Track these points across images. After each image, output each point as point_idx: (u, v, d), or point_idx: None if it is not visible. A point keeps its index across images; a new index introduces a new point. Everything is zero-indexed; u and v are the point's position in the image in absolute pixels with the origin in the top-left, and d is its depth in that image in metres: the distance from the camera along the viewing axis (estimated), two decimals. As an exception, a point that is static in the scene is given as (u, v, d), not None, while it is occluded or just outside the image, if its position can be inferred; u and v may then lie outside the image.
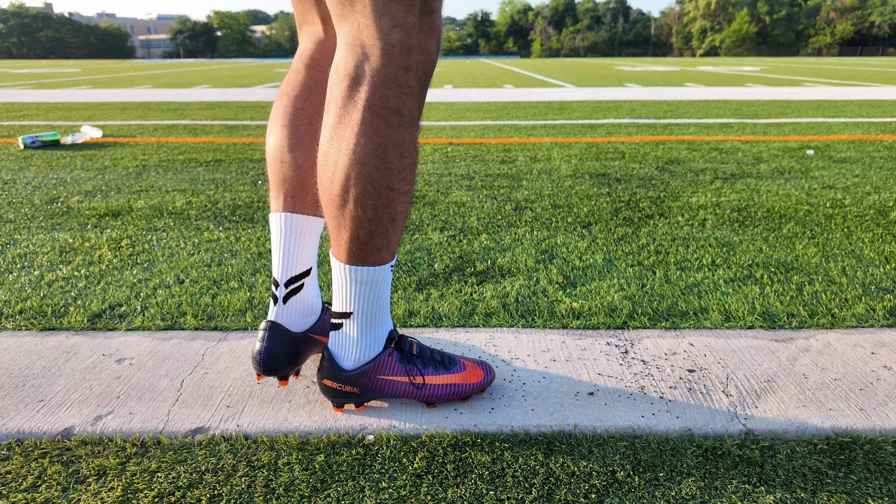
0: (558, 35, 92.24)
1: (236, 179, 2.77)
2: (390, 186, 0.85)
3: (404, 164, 0.86)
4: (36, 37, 78.11)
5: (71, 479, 0.85)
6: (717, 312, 1.36)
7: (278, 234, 1.00)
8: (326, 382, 0.97)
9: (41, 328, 1.29)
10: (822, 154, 3.33)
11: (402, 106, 0.84)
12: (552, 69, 18.39)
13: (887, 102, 6.40)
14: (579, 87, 9.37)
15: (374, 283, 0.92)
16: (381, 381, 0.98)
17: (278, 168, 1.00)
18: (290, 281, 1.01)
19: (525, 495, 0.82)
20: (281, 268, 1.01)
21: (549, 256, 1.73)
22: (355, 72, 0.82)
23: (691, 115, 5.32)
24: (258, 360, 0.99)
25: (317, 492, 0.82)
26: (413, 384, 0.99)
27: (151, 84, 10.76)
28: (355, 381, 0.97)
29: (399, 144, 0.84)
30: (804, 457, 0.89)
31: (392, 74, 0.82)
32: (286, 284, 1.01)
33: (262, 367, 1.00)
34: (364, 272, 0.91)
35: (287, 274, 1.01)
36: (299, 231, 1.00)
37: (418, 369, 1.00)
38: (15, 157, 3.35)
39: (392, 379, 0.98)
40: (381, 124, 0.83)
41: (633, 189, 2.54)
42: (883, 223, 2.03)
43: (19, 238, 1.91)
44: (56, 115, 5.49)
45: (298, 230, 1.00)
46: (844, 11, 68.49)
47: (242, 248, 1.81)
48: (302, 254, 1.02)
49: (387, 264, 0.92)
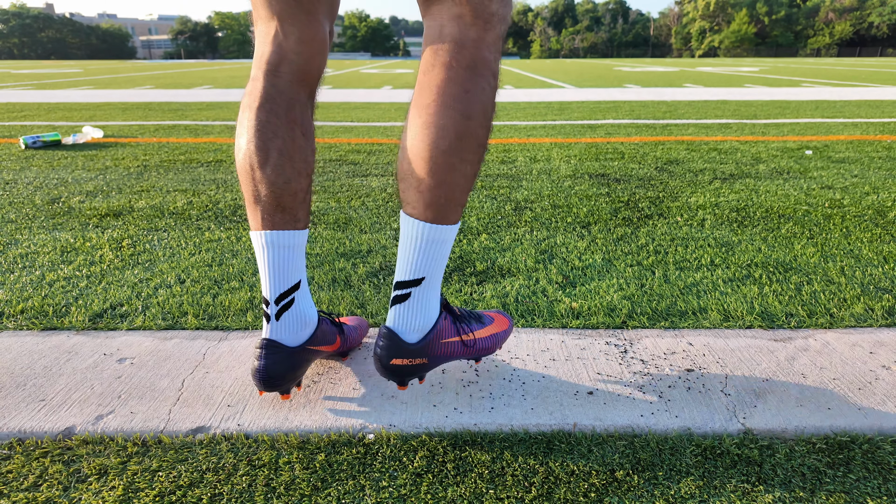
0: (558, 36, 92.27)
1: (237, 179, 2.77)
2: (485, 144, 0.92)
3: (491, 124, 0.93)
4: (37, 37, 78.16)
5: (72, 478, 0.85)
6: (716, 312, 1.37)
7: (262, 253, 0.97)
8: (396, 362, 0.95)
9: (42, 328, 1.30)
10: (820, 154, 3.33)
11: (497, 69, 0.92)
12: (552, 70, 18.39)
13: (886, 103, 6.40)
14: (579, 88, 9.38)
15: (448, 242, 0.95)
16: (443, 345, 1.00)
17: (251, 187, 0.96)
18: (279, 298, 0.98)
19: (525, 494, 0.82)
20: (269, 286, 0.98)
21: (548, 256, 1.73)
22: (461, 38, 0.87)
23: (690, 115, 5.32)
24: (258, 378, 0.98)
25: (317, 491, 0.83)
26: (464, 343, 1.02)
27: (152, 84, 10.77)
28: (423, 351, 0.97)
29: (494, 104, 0.92)
30: (803, 456, 0.89)
31: (493, 41, 0.89)
32: (276, 302, 0.99)
33: (263, 385, 0.98)
34: (445, 231, 0.94)
35: (276, 291, 0.98)
36: (282, 247, 0.98)
37: (467, 326, 1.03)
38: (16, 158, 3.35)
39: (450, 341, 1.01)
40: (486, 85, 0.89)
41: (632, 189, 2.54)
42: (881, 223, 2.04)
43: (21, 238, 1.91)
44: (57, 116, 5.49)
45: (281, 246, 0.98)
46: (843, 12, 68.53)
47: (243, 247, 1.81)
48: (289, 269, 0.99)
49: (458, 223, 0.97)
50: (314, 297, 1.45)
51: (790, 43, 73.14)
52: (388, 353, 0.96)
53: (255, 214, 0.97)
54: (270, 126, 0.95)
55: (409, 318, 0.96)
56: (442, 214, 0.92)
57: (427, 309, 0.97)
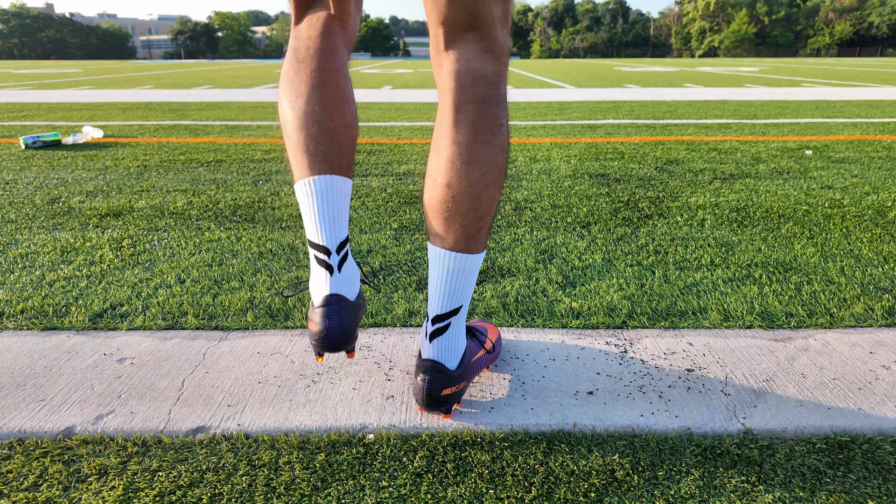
0: (558, 36, 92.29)
1: (237, 180, 2.77)
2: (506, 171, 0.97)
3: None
4: (37, 37, 78.15)
5: (72, 478, 0.85)
6: (716, 312, 1.37)
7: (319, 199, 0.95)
8: (447, 392, 0.97)
9: (42, 328, 1.30)
10: (820, 154, 3.33)
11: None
12: (552, 70, 18.40)
13: (886, 103, 6.41)
14: (579, 88, 9.38)
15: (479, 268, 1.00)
16: (475, 363, 1.04)
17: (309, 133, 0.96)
18: (340, 246, 0.97)
19: (525, 494, 0.82)
20: (329, 234, 0.95)
21: (548, 256, 1.73)
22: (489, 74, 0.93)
23: (690, 115, 5.32)
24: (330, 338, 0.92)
25: (317, 490, 0.83)
26: (488, 351, 1.10)
27: (152, 84, 10.77)
28: (463, 375, 1.00)
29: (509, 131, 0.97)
30: (803, 456, 0.89)
31: (505, 72, 0.95)
32: (338, 251, 0.95)
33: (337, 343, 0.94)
34: (480, 259, 0.99)
35: (337, 239, 0.96)
36: (342, 193, 0.97)
37: (482, 336, 1.09)
38: (16, 158, 3.35)
39: (478, 357, 1.06)
40: (505, 114, 0.95)
41: (632, 189, 2.54)
42: (881, 223, 2.04)
43: (21, 238, 1.91)
44: (57, 116, 5.50)
45: (342, 192, 0.97)
46: (843, 12, 68.53)
47: (243, 247, 1.81)
48: (344, 217, 0.99)
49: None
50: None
51: (790, 43, 73.15)
52: (439, 385, 0.97)
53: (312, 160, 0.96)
54: (332, 75, 0.98)
55: (449, 347, 0.99)
56: (481, 243, 0.98)
57: (461, 334, 1.01)
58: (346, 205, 0.99)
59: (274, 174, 2.90)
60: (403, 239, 1.89)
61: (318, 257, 0.96)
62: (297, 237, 1.92)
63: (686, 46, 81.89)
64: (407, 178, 2.79)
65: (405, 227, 2.02)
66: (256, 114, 5.63)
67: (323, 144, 0.96)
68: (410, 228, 2.01)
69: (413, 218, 2.13)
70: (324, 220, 0.95)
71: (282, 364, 1.15)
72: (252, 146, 3.74)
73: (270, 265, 1.67)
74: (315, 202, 0.95)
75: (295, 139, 0.97)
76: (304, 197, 0.97)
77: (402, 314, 1.37)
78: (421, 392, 0.97)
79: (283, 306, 1.40)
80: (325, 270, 0.95)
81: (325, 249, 0.95)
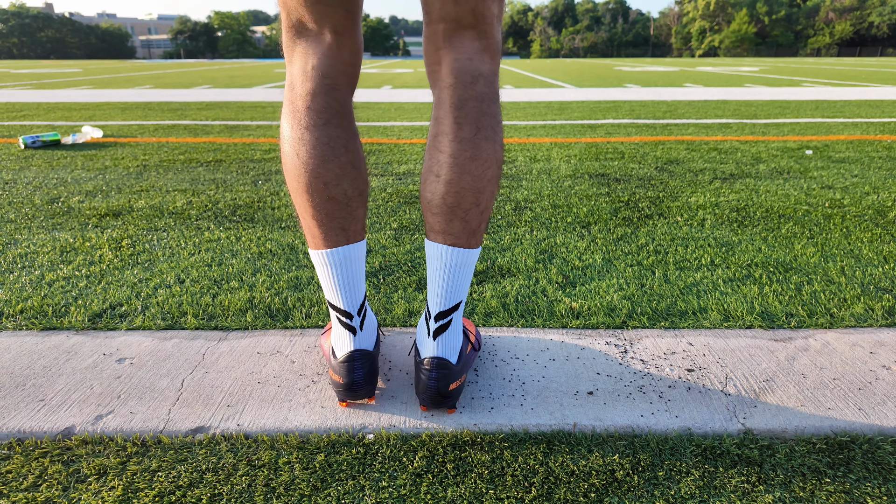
0: (558, 35, 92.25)
1: (237, 179, 2.77)
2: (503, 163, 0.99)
3: None
4: (36, 37, 78.11)
5: (71, 478, 0.85)
6: (716, 312, 1.36)
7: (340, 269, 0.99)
8: (453, 387, 0.98)
9: (42, 328, 1.30)
10: (820, 154, 3.33)
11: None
12: (552, 69, 18.39)
13: (886, 102, 6.41)
14: (579, 88, 9.38)
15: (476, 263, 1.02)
16: (468, 356, 1.06)
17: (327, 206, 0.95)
18: (360, 307, 1.02)
19: (525, 494, 0.82)
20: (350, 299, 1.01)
21: (548, 256, 1.73)
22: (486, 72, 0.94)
23: (690, 115, 5.32)
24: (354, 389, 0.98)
25: (317, 491, 0.83)
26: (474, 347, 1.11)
27: (152, 84, 10.77)
28: (463, 368, 1.01)
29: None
30: (803, 456, 0.89)
31: (498, 70, 0.96)
32: (358, 312, 1.02)
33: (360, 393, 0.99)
34: (478, 253, 1.00)
35: (357, 302, 1.02)
36: (359, 259, 1.01)
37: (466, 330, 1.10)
38: (16, 157, 3.35)
39: (469, 351, 1.07)
40: (500, 111, 0.97)
41: (632, 189, 2.54)
42: (882, 223, 2.04)
43: (20, 238, 1.91)
44: (57, 116, 5.49)
45: (357, 259, 1.01)
46: (843, 12, 68.52)
47: (243, 247, 1.81)
48: (362, 278, 1.03)
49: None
50: (315, 297, 1.45)
51: (790, 43, 73.14)
52: (446, 381, 0.97)
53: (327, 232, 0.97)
54: (341, 141, 0.95)
55: (450, 343, 1.00)
56: (481, 238, 0.99)
57: (460, 329, 1.02)
58: (363, 267, 1.03)
59: (273, 174, 2.89)
60: (403, 239, 1.89)
61: (341, 319, 1.01)
62: (297, 237, 1.92)
63: (686, 46, 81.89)
64: (407, 178, 2.79)
65: (405, 227, 2.01)
66: (256, 113, 5.63)
67: (337, 218, 0.96)
68: (410, 228, 2.01)
69: (413, 218, 2.13)
70: (344, 288, 1.00)
71: (281, 364, 1.15)
72: (252, 146, 3.74)
73: (270, 265, 1.67)
74: (333, 272, 0.99)
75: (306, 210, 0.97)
76: (321, 266, 1.00)
77: (402, 314, 1.36)
78: (428, 390, 0.97)
79: (283, 306, 1.40)
80: (349, 332, 1.01)
81: (347, 314, 1.01)
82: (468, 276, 1.00)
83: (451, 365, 0.98)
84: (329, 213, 0.95)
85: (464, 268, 0.98)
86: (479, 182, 0.92)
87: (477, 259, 1.00)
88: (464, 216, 0.94)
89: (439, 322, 0.99)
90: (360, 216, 0.99)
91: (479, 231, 0.97)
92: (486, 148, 0.92)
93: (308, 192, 0.95)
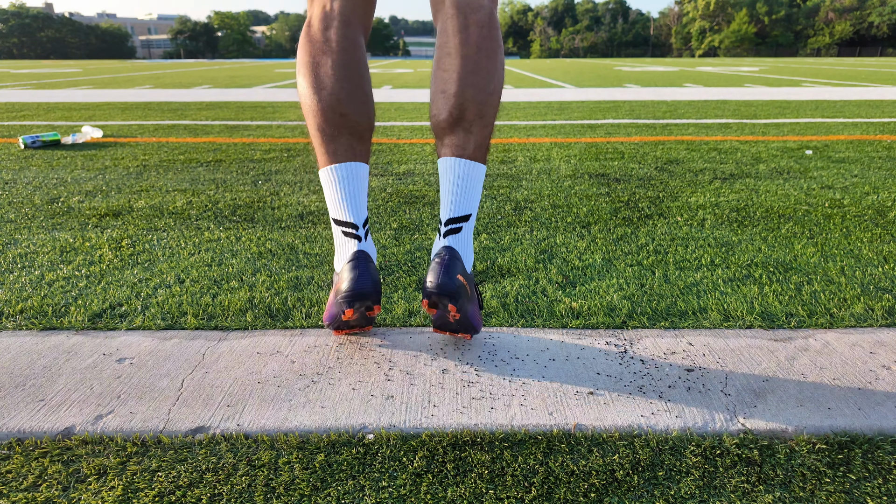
0: (558, 35, 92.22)
1: (237, 179, 2.77)
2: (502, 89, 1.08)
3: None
4: (36, 37, 78.05)
5: (71, 478, 0.85)
6: (716, 312, 1.36)
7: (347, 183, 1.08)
8: (461, 277, 1.01)
9: (42, 328, 1.30)
10: (820, 154, 3.33)
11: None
12: (551, 69, 18.39)
13: (886, 103, 6.41)
14: (579, 88, 9.38)
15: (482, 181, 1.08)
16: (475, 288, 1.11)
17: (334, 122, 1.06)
18: (364, 222, 1.12)
19: (524, 494, 0.82)
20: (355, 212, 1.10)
21: (548, 256, 1.73)
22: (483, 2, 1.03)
23: (690, 115, 5.32)
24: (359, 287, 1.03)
25: (317, 491, 0.83)
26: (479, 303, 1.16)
27: (152, 84, 10.76)
28: (471, 284, 1.06)
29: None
30: (803, 456, 0.89)
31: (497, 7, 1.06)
32: (363, 225, 1.11)
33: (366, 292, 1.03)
34: (483, 170, 1.07)
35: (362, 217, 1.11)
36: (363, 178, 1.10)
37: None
38: (15, 157, 3.35)
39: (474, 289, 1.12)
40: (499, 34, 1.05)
41: (632, 189, 2.54)
42: (882, 223, 2.04)
43: (20, 238, 1.91)
44: (56, 116, 5.49)
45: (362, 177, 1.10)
46: (843, 12, 68.51)
47: (243, 247, 1.81)
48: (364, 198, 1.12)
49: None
50: (314, 297, 1.45)
51: (790, 43, 73.11)
52: (454, 269, 1.01)
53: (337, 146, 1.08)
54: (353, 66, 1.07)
55: (460, 244, 1.06)
56: (483, 154, 1.06)
57: (470, 245, 1.08)
58: (366, 188, 1.13)
59: (273, 174, 2.89)
60: (403, 239, 1.89)
61: (346, 231, 1.10)
62: (297, 237, 1.92)
63: (686, 46, 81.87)
64: (407, 178, 2.78)
65: (405, 227, 2.01)
66: (256, 113, 5.63)
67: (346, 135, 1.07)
68: (410, 228, 2.01)
69: (413, 218, 2.13)
70: (350, 201, 1.09)
71: (281, 364, 1.15)
72: (251, 146, 3.74)
73: (270, 265, 1.67)
74: (342, 186, 1.09)
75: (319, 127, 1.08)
76: (330, 183, 1.10)
77: (402, 314, 1.36)
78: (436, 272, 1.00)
79: (283, 306, 1.40)
80: (354, 239, 1.09)
81: (353, 225, 1.09)
82: (477, 192, 1.07)
83: (462, 259, 1.03)
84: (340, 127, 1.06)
85: (471, 181, 1.05)
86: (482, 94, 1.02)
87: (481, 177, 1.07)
88: (468, 128, 1.03)
89: (449, 227, 1.06)
90: (366, 139, 1.10)
91: (484, 146, 1.07)
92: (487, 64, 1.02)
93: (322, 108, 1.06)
